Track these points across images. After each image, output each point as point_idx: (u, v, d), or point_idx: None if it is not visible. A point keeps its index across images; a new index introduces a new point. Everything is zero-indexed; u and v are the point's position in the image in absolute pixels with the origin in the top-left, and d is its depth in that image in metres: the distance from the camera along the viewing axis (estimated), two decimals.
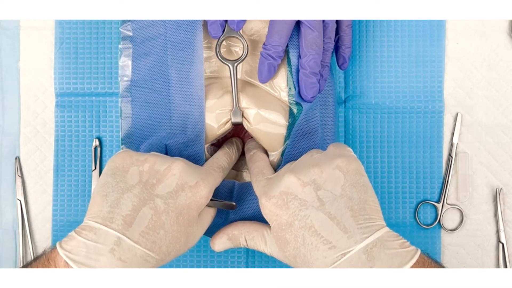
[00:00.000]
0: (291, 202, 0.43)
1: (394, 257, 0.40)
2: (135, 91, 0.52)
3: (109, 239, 0.41)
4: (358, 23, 0.60)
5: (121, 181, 0.44)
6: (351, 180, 0.43)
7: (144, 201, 0.43)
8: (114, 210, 0.42)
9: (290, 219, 0.43)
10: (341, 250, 0.41)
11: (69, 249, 0.41)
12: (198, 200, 0.45)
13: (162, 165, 0.45)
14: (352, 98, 0.60)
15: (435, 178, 0.60)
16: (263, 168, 0.49)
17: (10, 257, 0.60)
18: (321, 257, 0.41)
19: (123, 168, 0.45)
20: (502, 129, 0.60)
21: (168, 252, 0.44)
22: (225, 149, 0.52)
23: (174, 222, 0.43)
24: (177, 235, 0.44)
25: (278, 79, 0.52)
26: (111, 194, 0.43)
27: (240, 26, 0.49)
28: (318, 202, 0.42)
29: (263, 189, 0.46)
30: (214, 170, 0.49)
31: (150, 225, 0.42)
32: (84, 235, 0.42)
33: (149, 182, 0.44)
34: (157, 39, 0.52)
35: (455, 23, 0.60)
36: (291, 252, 0.43)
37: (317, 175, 0.44)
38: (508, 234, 0.59)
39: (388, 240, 0.41)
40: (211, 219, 0.49)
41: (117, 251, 0.41)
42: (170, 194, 0.44)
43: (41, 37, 0.61)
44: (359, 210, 0.42)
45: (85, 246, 0.41)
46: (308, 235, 0.42)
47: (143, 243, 0.42)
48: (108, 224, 0.42)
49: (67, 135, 0.60)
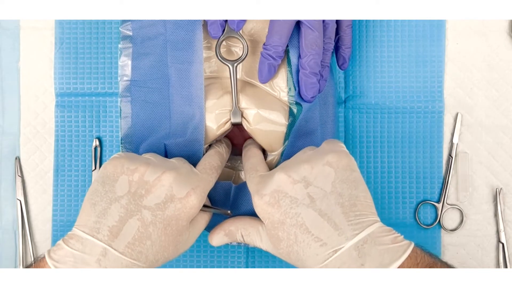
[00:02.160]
0: (282, 200, 0.43)
1: (386, 252, 0.40)
2: (134, 91, 0.52)
3: (96, 249, 0.42)
4: (358, 23, 0.60)
5: (109, 191, 0.44)
6: (342, 176, 0.43)
7: (131, 213, 0.43)
8: (101, 221, 0.43)
9: (282, 217, 0.43)
10: (332, 247, 0.41)
11: (56, 259, 0.42)
12: (188, 211, 0.45)
13: (152, 175, 0.45)
14: (352, 98, 0.60)
15: (435, 178, 0.60)
16: (257, 164, 0.49)
17: (10, 257, 0.60)
18: (313, 255, 0.41)
19: (113, 177, 0.45)
20: (502, 129, 0.60)
21: (155, 260, 0.44)
22: (215, 149, 0.52)
23: (161, 233, 0.44)
24: (164, 245, 0.44)
25: (278, 79, 0.52)
26: (99, 203, 0.44)
27: (240, 26, 0.49)
28: (309, 199, 0.42)
29: (256, 187, 0.46)
30: (207, 173, 0.48)
31: (136, 236, 0.43)
32: (72, 245, 0.42)
33: (138, 193, 0.44)
34: (157, 39, 0.52)
35: (455, 23, 0.60)
36: (285, 249, 0.43)
37: (307, 172, 0.44)
38: (508, 234, 0.59)
39: (380, 235, 0.41)
40: (205, 224, 0.49)
41: (103, 261, 0.41)
42: (158, 205, 0.44)
43: (41, 37, 0.61)
44: (349, 207, 0.42)
45: (72, 256, 0.42)
46: (300, 233, 0.42)
47: (128, 254, 0.42)
48: (94, 234, 0.42)
49: (67, 135, 0.60)
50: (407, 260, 0.40)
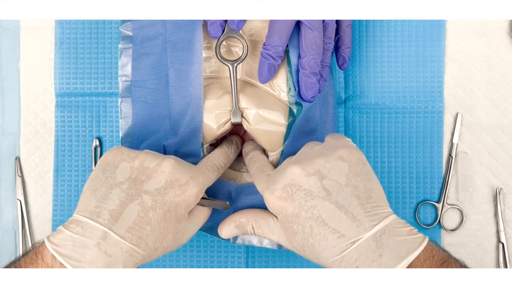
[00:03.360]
0: (296, 194, 0.43)
1: (403, 244, 0.40)
2: (134, 91, 0.52)
3: (96, 233, 0.42)
4: (358, 23, 0.60)
5: (110, 177, 0.45)
6: (355, 170, 0.44)
7: (132, 197, 0.43)
8: (101, 205, 0.43)
9: (296, 210, 0.43)
10: (350, 238, 0.41)
11: (56, 243, 0.42)
12: (187, 199, 0.45)
13: (153, 162, 0.45)
14: (352, 98, 0.60)
15: (435, 178, 0.60)
16: (263, 166, 0.49)
17: (10, 257, 0.60)
18: (329, 247, 0.41)
19: (113, 164, 0.45)
20: (502, 129, 0.60)
21: (155, 248, 0.44)
22: (223, 148, 0.52)
23: (161, 219, 0.44)
24: (164, 232, 0.44)
25: (278, 79, 0.52)
26: (99, 189, 0.44)
27: (240, 26, 0.49)
28: (324, 192, 0.43)
29: (266, 184, 0.46)
30: (207, 169, 0.49)
31: (136, 221, 0.43)
32: (72, 229, 0.42)
33: (138, 179, 0.45)
34: (156, 39, 0.52)
35: (455, 23, 0.60)
36: (299, 242, 0.43)
37: (321, 165, 0.44)
38: (508, 234, 0.59)
39: (397, 227, 0.41)
40: (204, 218, 0.49)
41: (103, 245, 0.41)
42: (158, 191, 0.44)
43: (41, 37, 0.61)
44: (366, 198, 0.42)
45: (71, 239, 0.41)
46: (316, 226, 0.42)
47: (128, 238, 0.42)
48: (95, 218, 0.42)
49: (67, 135, 0.60)
50: (423, 252, 0.40)
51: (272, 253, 0.60)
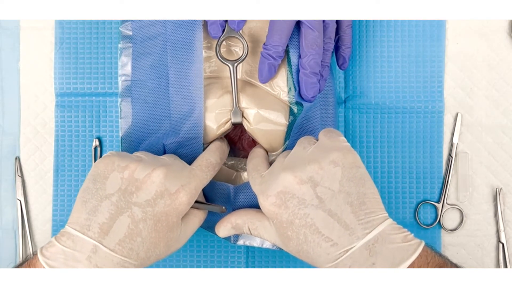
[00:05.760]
0: (289, 201, 0.43)
1: (396, 251, 0.40)
2: (135, 91, 0.52)
3: (86, 246, 0.42)
4: (358, 23, 0.60)
5: (100, 188, 0.44)
6: (348, 174, 0.43)
7: (122, 210, 0.43)
8: (91, 218, 0.43)
9: (290, 218, 0.43)
10: (344, 247, 0.41)
11: (48, 256, 0.42)
12: (177, 207, 0.45)
13: (143, 172, 0.45)
14: (352, 98, 0.60)
15: (435, 178, 0.59)
16: (258, 164, 0.49)
17: (10, 257, 0.60)
18: (324, 254, 0.42)
19: (104, 174, 0.45)
20: (502, 129, 0.60)
21: (147, 257, 0.44)
22: (217, 143, 0.52)
23: (152, 229, 0.44)
24: (155, 241, 0.44)
25: (278, 79, 0.52)
26: (90, 201, 0.44)
27: (240, 26, 0.49)
28: (317, 200, 0.42)
29: (260, 187, 0.46)
30: (202, 170, 0.48)
31: (127, 233, 0.43)
32: (63, 242, 0.42)
33: (128, 190, 0.44)
34: (157, 39, 0.52)
35: (455, 23, 0.60)
36: (294, 247, 0.43)
37: (314, 172, 0.43)
38: (508, 234, 0.59)
39: (391, 234, 0.41)
40: (198, 222, 0.49)
41: (94, 258, 0.42)
42: (148, 202, 0.44)
43: (41, 37, 0.60)
44: (359, 205, 0.42)
45: (63, 253, 0.42)
46: (309, 233, 0.42)
47: (119, 251, 0.42)
48: (85, 231, 0.43)
49: (67, 135, 0.60)
50: (417, 259, 0.40)
51: (272, 253, 0.60)
